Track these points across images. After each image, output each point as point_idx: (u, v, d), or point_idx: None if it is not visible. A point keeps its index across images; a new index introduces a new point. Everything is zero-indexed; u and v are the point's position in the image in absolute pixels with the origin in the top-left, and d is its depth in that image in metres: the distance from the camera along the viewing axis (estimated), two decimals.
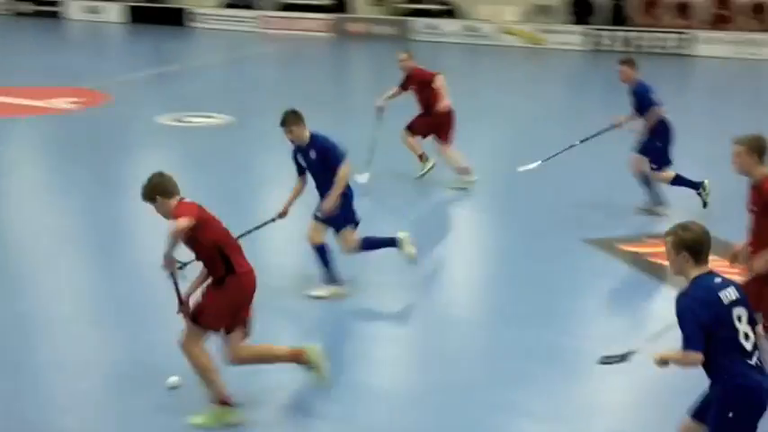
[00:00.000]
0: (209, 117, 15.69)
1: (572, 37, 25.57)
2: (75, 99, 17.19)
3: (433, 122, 11.23)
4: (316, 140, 7.57)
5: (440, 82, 11.04)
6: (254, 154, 13.42)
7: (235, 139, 14.28)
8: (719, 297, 4.45)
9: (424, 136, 11.51)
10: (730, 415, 4.44)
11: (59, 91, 17.82)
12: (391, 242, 7.98)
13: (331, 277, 7.83)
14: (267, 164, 12.56)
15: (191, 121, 15.36)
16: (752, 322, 4.54)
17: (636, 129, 10.05)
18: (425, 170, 11.54)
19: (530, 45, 25.56)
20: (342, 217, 7.70)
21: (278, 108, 7.81)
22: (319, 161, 7.55)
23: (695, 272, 4.51)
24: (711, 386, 4.55)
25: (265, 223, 7.92)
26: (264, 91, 19.22)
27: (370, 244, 7.97)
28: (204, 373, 5.65)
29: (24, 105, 16.46)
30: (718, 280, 4.52)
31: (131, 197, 6.99)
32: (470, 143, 12.45)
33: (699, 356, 4.38)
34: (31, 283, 8.25)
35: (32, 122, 15.24)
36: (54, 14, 29.20)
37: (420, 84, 11.21)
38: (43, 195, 11.33)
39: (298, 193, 7.72)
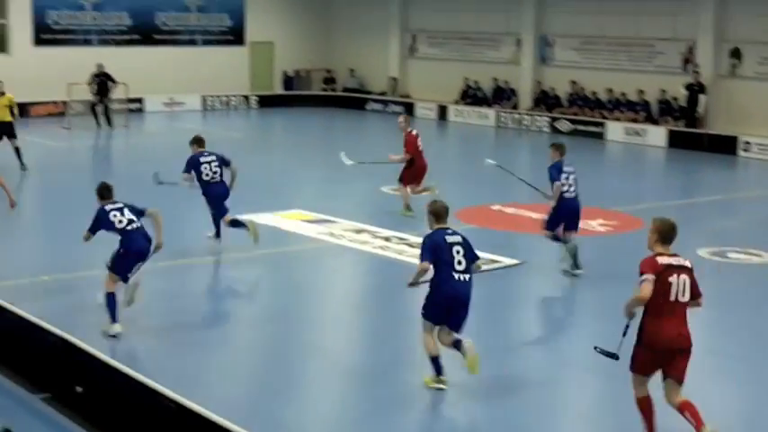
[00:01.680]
0: (753, 254, 14.66)
1: None
2: (608, 221, 17.27)
3: None
4: None
5: None
6: None
7: None
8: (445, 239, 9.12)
9: None
10: None
11: (593, 212, 17.89)
12: None
13: None
14: None
15: (732, 257, 14.46)
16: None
17: None
18: None
19: None
20: None
21: None
22: None
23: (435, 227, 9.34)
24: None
25: None
26: None
27: None
28: None
29: None
30: (449, 231, 9.23)
31: None
32: None
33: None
34: None
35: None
36: (594, 135, 29.88)
37: None
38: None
39: None
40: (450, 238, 9.14)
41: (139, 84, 32.35)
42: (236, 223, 14.56)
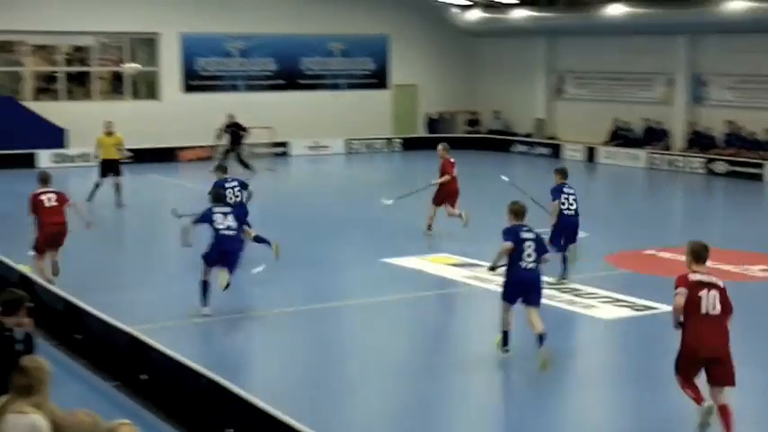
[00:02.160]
0: None
1: None
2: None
3: None
4: None
5: None
6: None
7: None
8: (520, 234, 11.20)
9: None
10: None
11: (754, 257, 17.25)
12: None
13: None
14: None
15: None
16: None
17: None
18: None
19: None
20: None
21: None
22: None
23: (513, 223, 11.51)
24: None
25: None
26: None
27: None
28: None
29: (720, 270, 16.05)
30: (525, 228, 11.35)
31: None
32: None
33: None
34: None
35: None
36: (752, 176, 28.87)
37: None
38: None
39: None
40: (524, 234, 11.29)
41: (285, 128, 33.00)
42: (259, 239, 16.24)
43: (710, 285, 8.84)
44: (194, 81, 34.13)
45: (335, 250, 18.33)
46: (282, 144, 34.01)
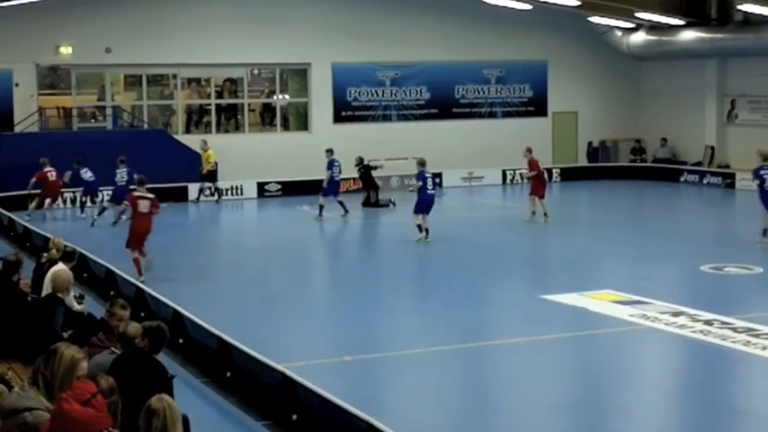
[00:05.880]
0: None
1: None
2: None
3: None
4: None
5: None
6: None
7: None
8: None
9: None
10: None
11: None
12: None
13: None
14: None
15: None
16: None
17: None
18: None
19: None
20: None
21: None
22: None
23: None
24: None
25: None
26: None
27: None
28: None
29: None
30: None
31: None
32: None
33: None
34: None
35: None
36: None
37: None
38: None
39: None
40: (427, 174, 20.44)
41: (438, 158, 33.14)
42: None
43: None
44: (345, 111, 34.72)
45: (492, 285, 18.28)
46: (436, 175, 34.12)
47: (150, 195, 18.18)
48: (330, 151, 27.45)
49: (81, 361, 6.26)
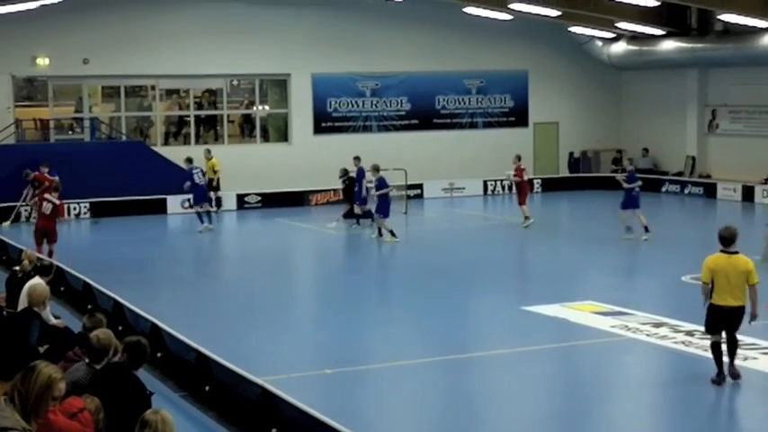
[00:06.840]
0: None
1: None
2: None
3: None
4: None
5: None
6: None
7: None
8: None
9: None
10: None
11: None
12: None
13: None
14: None
15: None
16: None
17: None
18: None
19: None
20: None
21: None
22: None
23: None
24: None
25: None
26: None
27: None
28: None
29: None
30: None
31: None
32: None
33: None
34: None
35: None
36: None
37: None
38: None
39: None
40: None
41: (418, 169, 33.21)
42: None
43: None
44: (325, 122, 34.73)
45: (473, 297, 18.30)
46: (417, 186, 34.20)
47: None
48: (377, 169, 25.80)
49: (58, 381, 6.21)
